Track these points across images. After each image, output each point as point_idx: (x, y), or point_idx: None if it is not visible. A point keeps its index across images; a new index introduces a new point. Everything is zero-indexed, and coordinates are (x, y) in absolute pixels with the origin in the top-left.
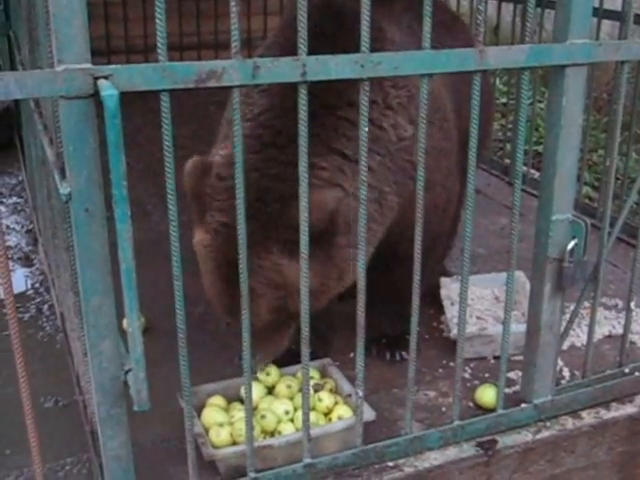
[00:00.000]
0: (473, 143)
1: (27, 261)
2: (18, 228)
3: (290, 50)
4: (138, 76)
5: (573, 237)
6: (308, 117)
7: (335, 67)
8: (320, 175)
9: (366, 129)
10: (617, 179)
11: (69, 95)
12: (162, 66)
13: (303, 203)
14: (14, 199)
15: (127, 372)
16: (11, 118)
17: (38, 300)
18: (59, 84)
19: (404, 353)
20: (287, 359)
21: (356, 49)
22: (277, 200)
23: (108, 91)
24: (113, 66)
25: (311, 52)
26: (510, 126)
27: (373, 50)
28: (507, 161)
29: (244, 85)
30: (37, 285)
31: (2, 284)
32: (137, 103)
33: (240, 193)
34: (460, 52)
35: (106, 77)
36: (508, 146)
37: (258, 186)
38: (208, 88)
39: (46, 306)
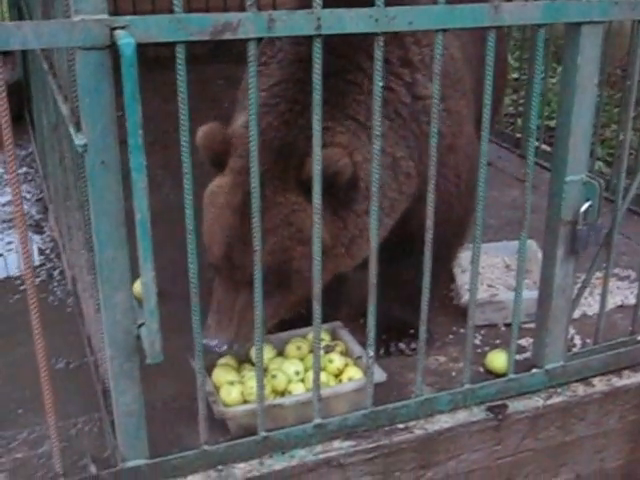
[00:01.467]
0: (487, 100)
1: (38, 228)
2: (29, 197)
3: (306, 4)
4: (154, 27)
5: (587, 199)
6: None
7: (350, 21)
8: (336, 138)
9: (381, 84)
10: (630, 154)
11: (85, 46)
12: (178, 17)
13: (316, 153)
14: (24, 169)
15: (140, 326)
16: (21, 92)
17: (49, 266)
18: (76, 34)
19: (414, 345)
20: (297, 323)
21: (372, 4)
22: (295, 154)
23: (125, 40)
24: (129, 17)
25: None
26: (522, 101)
27: (388, 5)
28: (518, 135)
29: (259, 37)
30: (48, 251)
31: (21, 251)
32: (143, 76)
33: (254, 137)
34: (475, 7)
35: (122, 27)
36: (519, 121)
37: (277, 143)
38: (223, 41)
39: (57, 271)
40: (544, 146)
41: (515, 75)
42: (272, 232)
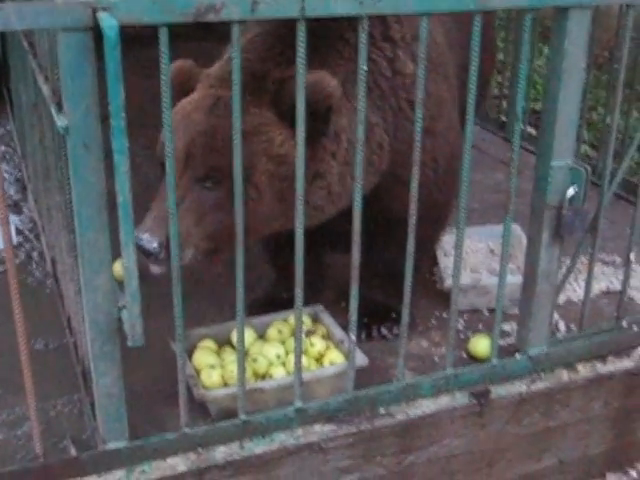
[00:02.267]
0: (472, 85)
1: (16, 208)
2: (7, 176)
3: None
4: (137, 9)
5: (572, 184)
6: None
7: (334, 3)
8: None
9: (365, 68)
10: (616, 137)
11: (68, 27)
12: None
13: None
14: (2, 148)
15: (121, 308)
16: None
17: (27, 247)
18: (58, 16)
19: (396, 329)
20: (278, 306)
21: None
22: (270, 78)
23: (108, 22)
24: None
25: None
26: (507, 83)
27: None
28: (503, 118)
29: (243, 20)
30: (26, 232)
31: (1, 231)
32: (124, 52)
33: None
34: None
35: (105, 9)
36: (504, 103)
37: (254, 70)
38: (207, 24)
39: (36, 253)
40: (529, 129)
41: (500, 57)
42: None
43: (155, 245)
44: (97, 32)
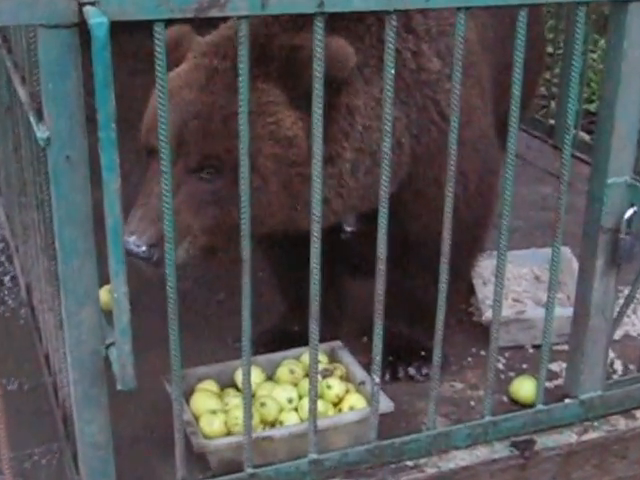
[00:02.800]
0: (516, 90)
1: None
2: None
3: None
4: (130, 3)
5: (631, 204)
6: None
7: None
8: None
9: (392, 71)
10: None
11: (50, 24)
12: None
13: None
14: None
15: (109, 346)
16: None
17: None
18: (39, 11)
19: (426, 369)
20: (289, 342)
21: None
22: (277, 47)
23: (96, 19)
24: None
25: None
26: (556, 80)
27: None
28: (552, 121)
29: (251, 16)
30: None
31: None
32: (111, 46)
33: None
34: None
35: (93, 3)
36: (553, 104)
37: (258, 38)
38: (210, 19)
39: (7, 277)
40: (582, 134)
41: (549, 49)
42: (230, 111)
43: (144, 248)
44: (83, 28)
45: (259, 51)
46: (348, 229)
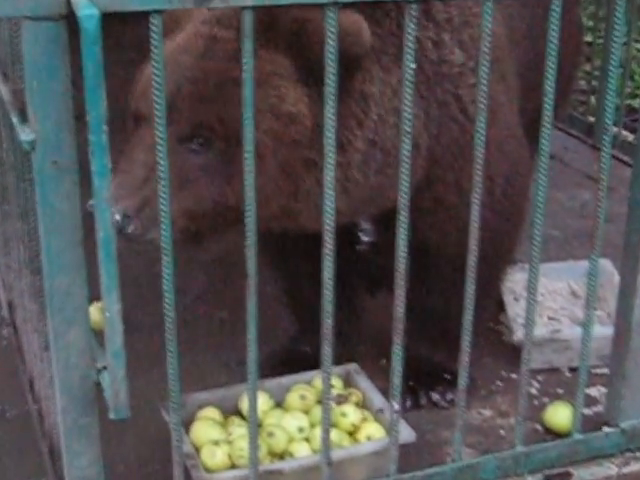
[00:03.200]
0: (549, 87)
1: None
2: None
3: None
4: None
5: None
6: None
7: None
8: None
9: (413, 65)
10: None
11: (35, 15)
12: None
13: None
14: None
15: (100, 370)
16: None
17: None
18: (23, 1)
19: (450, 395)
20: (299, 364)
21: None
22: (285, 16)
23: (86, 10)
24: None
25: None
26: (597, 73)
27: None
28: (592, 118)
29: (257, 6)
30: None
31: None
32: (103, 37)
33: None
34: None
35: None
36: (593, 99)
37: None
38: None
39: None
40: (625, 133)
41: (588, 38)
42: (229, 79)
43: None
44: (72, 20)
45: (267, 19)
46: (365, 239)
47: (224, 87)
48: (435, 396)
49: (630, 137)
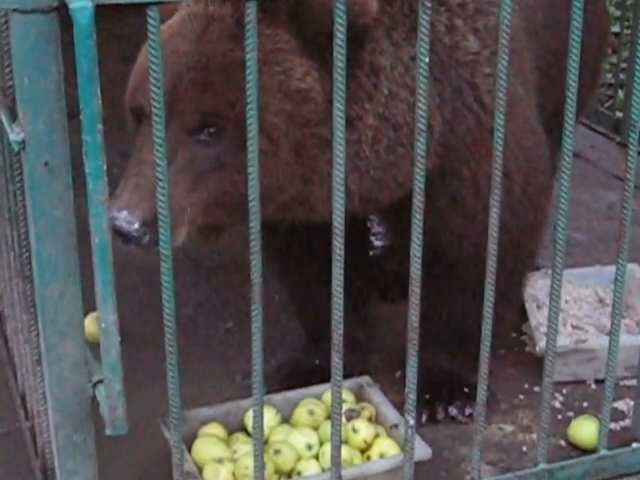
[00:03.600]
0: (572, 81)
1: None
2: None
3: None
4: None
5: None
6: None
7: None
8: None
9: (426, 59)
10: None
11: (25, 8)
12: None
13: None
14: None
15: (96, 384)
16: None
17: None
18: None
19: (469, 409)
20: (308, 377)
21: None
22: None
23: (79, 2)
24: None
25: None
26: (624, 65)
27: None
28: (619, 114)
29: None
30: None
31: None
32: (97, 30)
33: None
34: None
35: None
36: (621, 93)
37: None
38: None
39: None
40: None
41: (615, 28)
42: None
43: (136, 226)
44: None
45: None
46: (378, 244)
47: (228, 70)
48: (453, 410)
49: None
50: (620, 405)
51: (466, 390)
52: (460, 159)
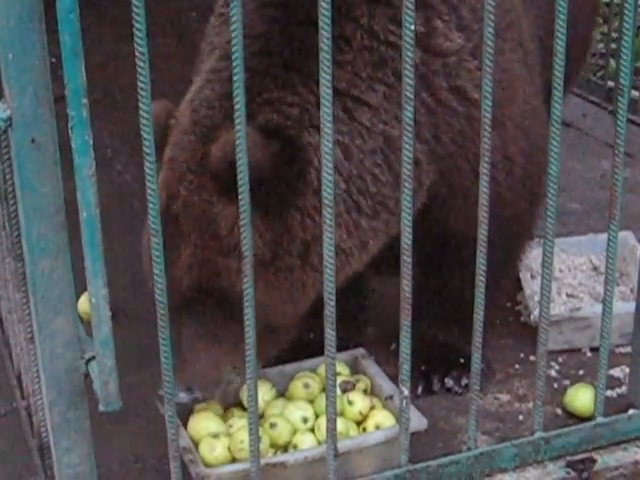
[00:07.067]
0: (560, 47)
1: None
2: None
3: None
4: None
5: None
6: (282, 40)
7: None
8: (277, 114)
9: (411, 55)
10: None
11: None
12: None
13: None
14: None
15: (89, 361)
16: None
17: None
18: None
19: (465, 380)
20: (303, 351)
21: None
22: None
23: None
24: None
25: None
26: (615, 34)
27: None
28: (611, 83)
29: None
30: None
31: None
32: (91, 10)
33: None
34: None
35: None
36: (613, 62)
37: (206, 124)
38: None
39: None
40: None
41: None
42: (185, 242)
43: (197, 395)
44: None
45: (199, 141)
46: None
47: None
48: (449, 381)
49: None
50: (616, 372)
51: (462, 361)
52: (456, 158)
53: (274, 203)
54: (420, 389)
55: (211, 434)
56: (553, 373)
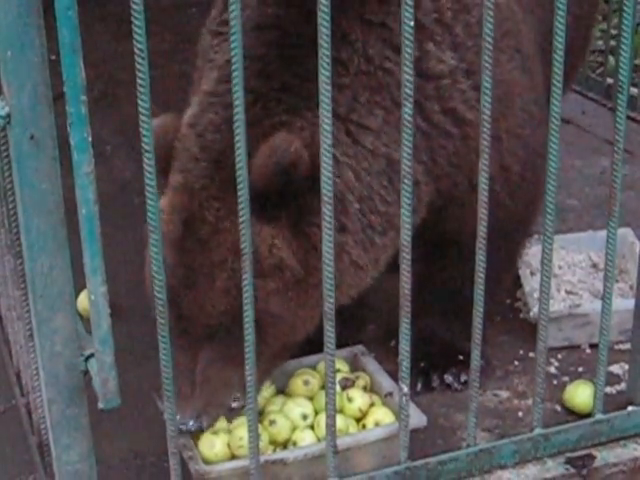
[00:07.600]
0: (560, 30)
1: None
2: None
3: None
4: None
5: None
6: (281, 63)
7: None
8: (297, 134)
9: (411, 70)
10: None
11: None
12: None
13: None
14: None
15: (88, 358)
16: None
17: None
18: None
19: (465, 376)
20: (303, 348)
21: None
22: (223, 154)
23: None
24: None
25: None
26: (614, 32)
27: None
28: (610, 80)
29: None
30: None
31: None
32: (91, 7)
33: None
34: None
35: None
36: (612, 59)
37: (217, 148)
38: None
39: None
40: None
41: None
42: (220, 267)
43: (192, 424)
44: None
45: (216, 165)
46: None
47: (210, 276)
48: (448, 378)
49: None
50: (615, 369)
51: (461, 358)
52: (449, 177)
53: (299, 216)
54: (419, 386)
55: (211, 431)
56: (552, 370)
